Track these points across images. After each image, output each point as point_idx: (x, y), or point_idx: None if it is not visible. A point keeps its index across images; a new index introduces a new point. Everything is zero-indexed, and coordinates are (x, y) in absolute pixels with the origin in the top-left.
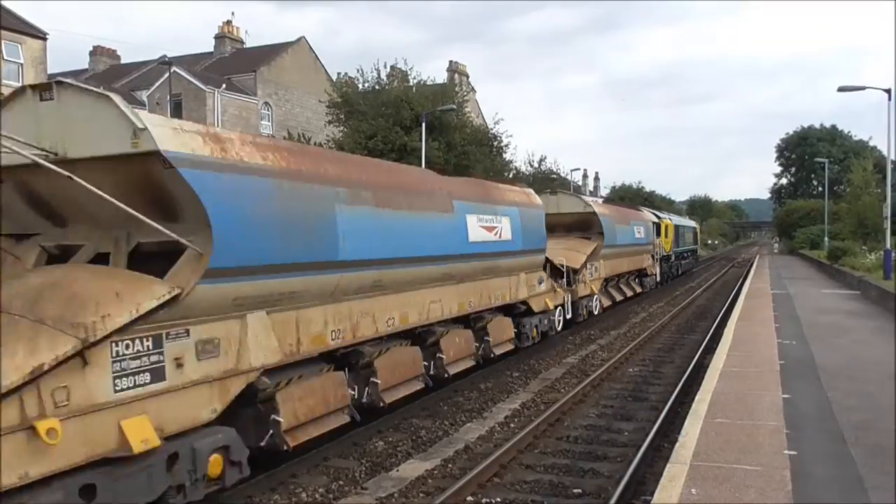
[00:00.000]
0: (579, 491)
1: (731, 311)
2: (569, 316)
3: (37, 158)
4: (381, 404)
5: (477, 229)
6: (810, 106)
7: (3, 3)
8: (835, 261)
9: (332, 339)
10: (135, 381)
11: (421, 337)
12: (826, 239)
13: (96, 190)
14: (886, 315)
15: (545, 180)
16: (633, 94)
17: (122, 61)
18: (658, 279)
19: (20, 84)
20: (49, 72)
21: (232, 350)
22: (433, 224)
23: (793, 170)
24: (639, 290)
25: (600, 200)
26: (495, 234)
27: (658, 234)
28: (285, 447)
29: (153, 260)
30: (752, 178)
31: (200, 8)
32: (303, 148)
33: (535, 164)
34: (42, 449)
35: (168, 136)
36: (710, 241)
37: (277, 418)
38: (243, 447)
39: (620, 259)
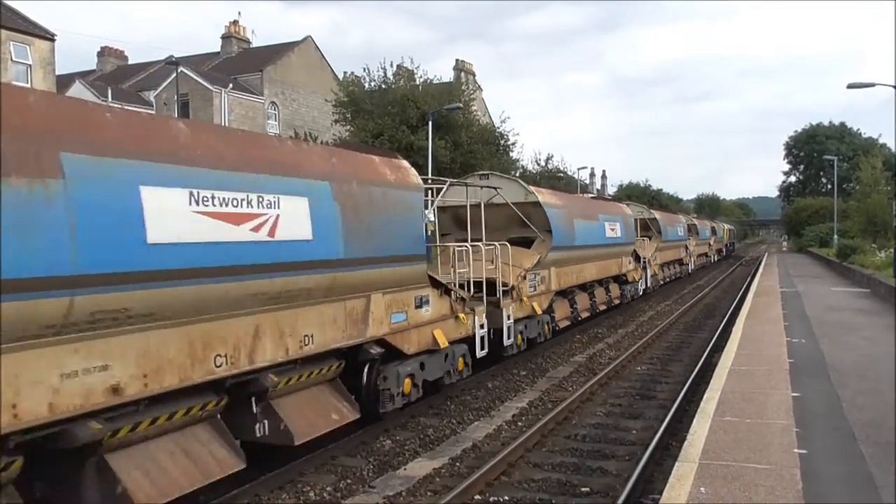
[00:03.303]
0: (587, 489)
1: (740, 309)
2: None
3: None
4: None
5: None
6: (814, 104)
7: (13, 3)
8: (844, 259)
9: None
10: None
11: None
12: (835, 237)
13: None
14: None
15: (552, 178)
16: (637, 93)
17: (130, 62)
18: (725, 253)
19: (28, 86)
20: (57, 73)
21: None
22: None
23: (801, 167)
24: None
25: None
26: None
27: (721, 233)
28: None
29: None
30: (760, 176)
31: (207, 8)
32: None
33: (542, 163)
34: None
35: None
36: None
37: None
38: None
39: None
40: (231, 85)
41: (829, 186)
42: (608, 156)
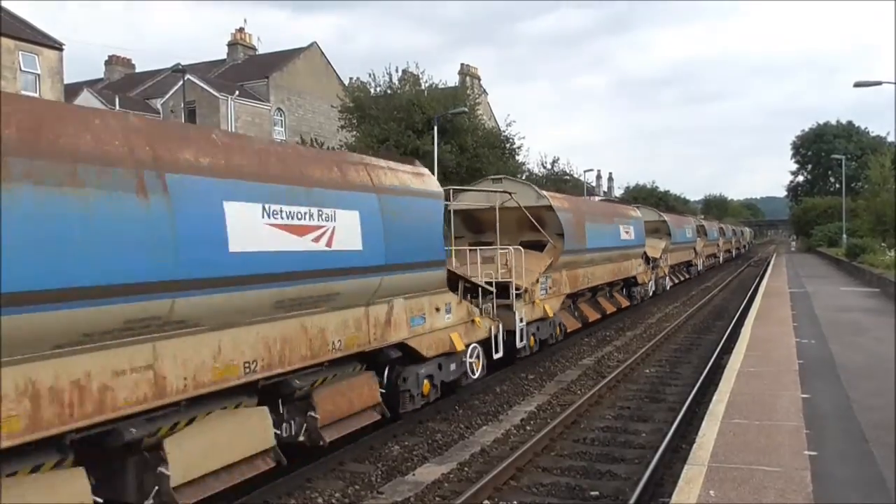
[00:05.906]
0: (597, 493)
1: (748, 310)
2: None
3: None
4: None
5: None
6: (824, 103)
7: (21, 12)
8: (853, 258)
9: None
10: None
11: None
12: (844, 236)
13: None
14: None
15: (558, 181)
16: (644, 94)
17: (137, 70)
18: (748, 247)
19: (38, 95)
20: (65, 82)
21: None
22: None
23: (809, 167)
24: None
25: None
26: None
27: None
28: None
29: None
30: (767, 175)
31: (213, 15)
32: None
33: (548, 166)
34: None
35: None
36: None
37: None
38: None
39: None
40: (237, 92)
41: (838, 185)
42: (615, 158)
